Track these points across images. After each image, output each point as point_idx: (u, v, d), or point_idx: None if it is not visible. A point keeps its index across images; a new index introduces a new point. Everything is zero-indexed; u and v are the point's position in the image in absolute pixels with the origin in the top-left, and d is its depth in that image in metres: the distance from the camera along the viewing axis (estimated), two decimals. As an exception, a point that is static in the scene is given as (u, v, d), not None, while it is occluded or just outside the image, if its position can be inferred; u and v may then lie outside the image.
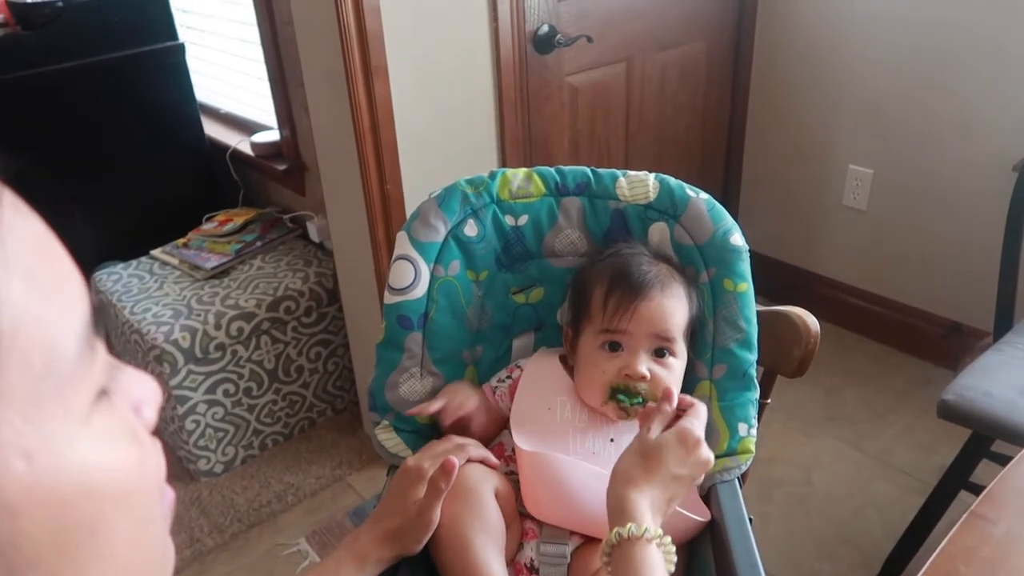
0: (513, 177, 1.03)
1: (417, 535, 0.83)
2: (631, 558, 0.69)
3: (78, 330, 0.28)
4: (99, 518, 0.28)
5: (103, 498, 0.28)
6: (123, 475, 0.29)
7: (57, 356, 0.26)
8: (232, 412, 1.95)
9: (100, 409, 0.28)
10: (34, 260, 0.27)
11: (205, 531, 1.82)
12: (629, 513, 0.72)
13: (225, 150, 2.36)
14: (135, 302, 1.95)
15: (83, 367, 0.28)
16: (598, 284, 0.94)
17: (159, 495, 0.32)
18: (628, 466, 0.76)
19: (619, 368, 0.90)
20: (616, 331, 0.90)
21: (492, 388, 1.00)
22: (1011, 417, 1.30)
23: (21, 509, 0.25)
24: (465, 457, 0.85)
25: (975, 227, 1.99)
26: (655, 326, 0.90)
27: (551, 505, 0.88)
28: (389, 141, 1.60)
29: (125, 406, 0.31)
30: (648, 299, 0.90)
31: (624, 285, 0.91)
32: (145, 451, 0.31)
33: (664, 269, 0.94)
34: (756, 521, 0.86)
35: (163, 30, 2.22)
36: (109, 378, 0.30)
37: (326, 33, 1.51)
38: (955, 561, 0.69)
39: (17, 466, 0.25)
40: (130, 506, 0.29)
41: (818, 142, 2.26)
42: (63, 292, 0.28)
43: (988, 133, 1.92)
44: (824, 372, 2.16)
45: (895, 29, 2.00)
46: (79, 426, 0.27)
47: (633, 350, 0.90)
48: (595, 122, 2.02)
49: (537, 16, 1.77)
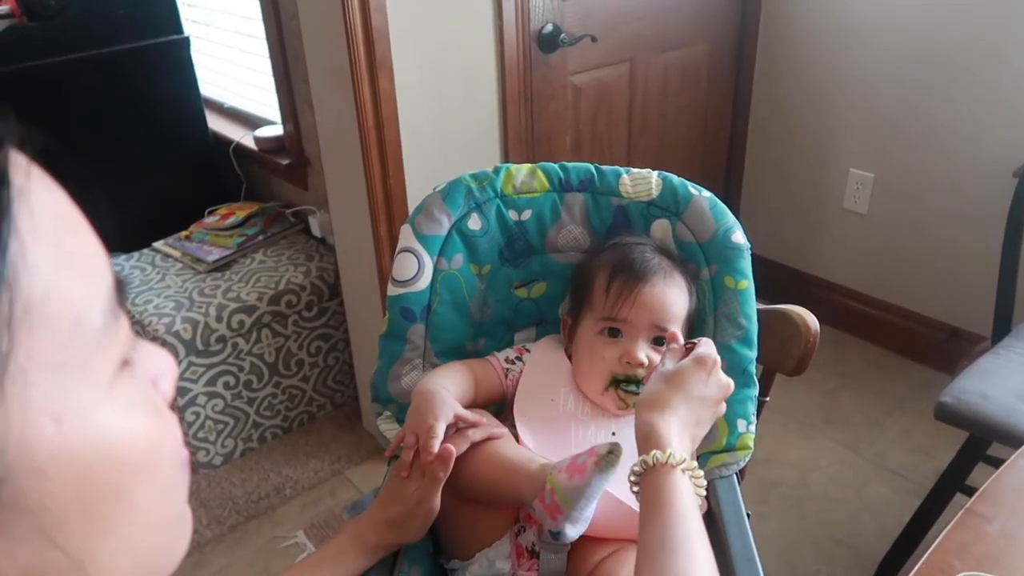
0: (517, 172, 1.04)
1: (418, 523, 0.84)
2: (657, 486, 0.67)
3: (103, 300, 0.28)
4: (122, 483, 0.28)
5: (127, 464, 0.29)
6: (145, 442, 0.30)
7: (83, 324, 0.27)
8: (232, 405, 1.95)
9: (123, 378, 0.29)
10: (62, 232, 0.28)
11: (203, 523, 1.82)
12: (655, 439, 0.70)
13: (228, 144, 2.36)
14: (137, 293, 1.96)
15: (108, 336, 0.28)
16: (601, 271, 0.95)
17: (178, 464, 0.33)
18: (651, 393, 0.75)
19: (619, 355, 0.91)
20: (617, 318, 0.91)
21: (504, 369, 0.97)
22: (1008, 420, 1.30)
23: (50, 471, 0.26)
24: (466, 445, 0.85)
25: (974, 232, 2.00)
26: (656, 314, 0.91)
27: None
28: (393, 138, 1.60)
29: (145, 378, 0.32)
30: (651, 284, 0.91)
31: (627, 271, 0.92)
32: (165, 421, 0.32)
33: (665, 260, 0.95)
34: (752, 521, 0.87)
35: (168, 24, 2.23)
36: (131, 349, 0.30)
37: (332, 29, 1.52)
38: (950, 557, 0.70)
39: (47, 429, 0.25)
40: (151, 473, 0.30)
41: (819, 145, 2.27)
42: (89, 263, 0.29)
43: (988, 139, 1.92)
44: (822, 375, 2.16)
45: (897, 35, 2.01)
46: (104, 393, 0.28)
47: (632, 337, 0.91)
48: (598, 122, 2.03)
49: (542, 15, 1.77)
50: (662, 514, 0.66)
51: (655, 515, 0.66)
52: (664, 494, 0.67)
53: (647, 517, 0.67)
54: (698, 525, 0.66)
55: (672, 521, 0.65)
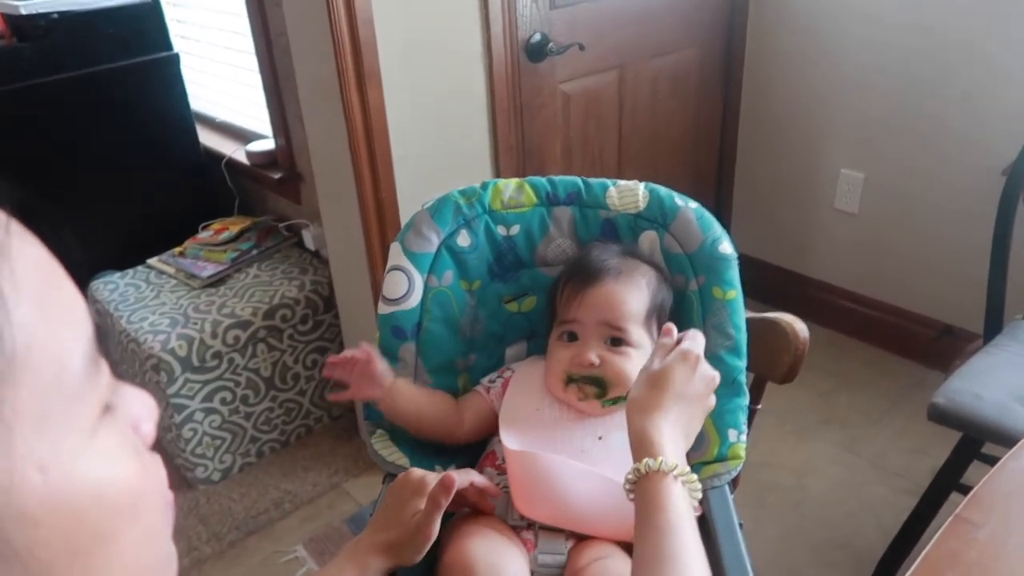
0: (505, 187, 1.05)
1: (416, 547, 0.84)
2: (651, 493, 0.68)
3: (84, 349, 0.29)
4: (109, 528, 0.29)
5: (113, 509, 0.29)
6: (130, 487, 0.30)
7: (65, 374, 0.28)
8: (229, 420, 1.95)
9: (105, 424, 0.30)
10: (42, 285, 0.28)
11: (203, 539, 1.82)
12: (647, 446, 0.71)
13: (220, 159, 2.37)
14: (132, 311, 1.96)
15: (90, 384, 0.29)
16: (561, 279, 0.98)
17: (163, 506, 0.34)
18: (640, 397, 0.75)
19: (571, 356, 0.93)
20: (568, 320, 0.94)
21: (486, 388, 1.01)
22: (1001, 420, 1.31)
23: (39, 519, 0.26)
24: (468, 481, 0.86)
25: (965, 230, 2.01)
26: (604, 312, 0.92)
27: (542, 504, 0.88)
28: (383, 150, 1.61)
29: (127, 422, 0.33)
30: (599, 285, 0.93)
31: (578, 275, 0.95)
32: (148, 465, 0.33)
33: (629, 262, 0.96)
34: (750, 525, 0.87)
35: (158, 41, 2.23)
36: (112, 394, 0.31)
37: (320, 43, 1.52)
38: (940, 566, 0.71)
39: (34, 478, 0.26)
40: (137, 516, 0.31)
41: (810, 146, 2.28)
42: (69, 314, 0.29)
43: (977, 137, 1.93)
44: (817, 376, 2.17)
45: (886, 34, 2.02)
46: (87, 440, 0.29)
47: (585, 339, 0.93)
48: (588, 129, 2.03)
49: (529, 24, 1.78)
50: (656, 522, 0.67)
51: (649, 523, 0.67)
52: (658, 501, 0.67)
53: (642, 526, 0.68)
54: (693, 532, 0.67)
55: (666, 529, 0.66)
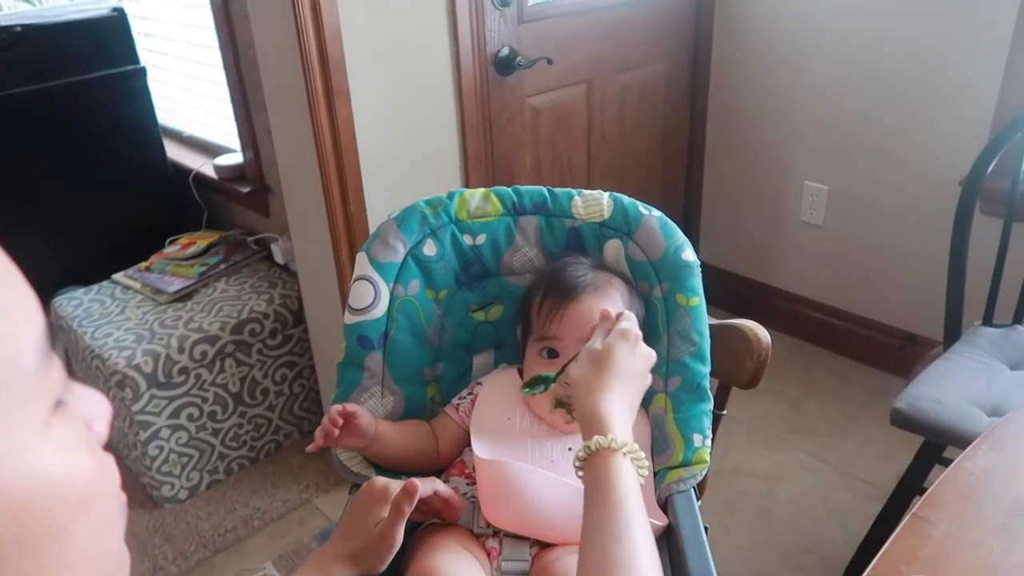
0: (471, 197, 1.05)
1: (379, 556, 0.83)
2: (600, 470, 0.71)
3: (36, 343, 0.29)
4: (60, 521, 0.29)
5: (65, 501, 0.29)
6: (83, 480, 0.31)
7: (18, 368, 0.28)
8: (196, 437, 1.93)
9: (58, 419, 0.30)
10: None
11: (169, 559, 1.79)
12: (597, 424, 0.74)
13: (188, 173, 2.35)
14: (96, 327, 1.93)
15: (41, 378, 0.29)
16: (536, 293, 0.98)
17: (116, 502, 0.34)
18: (585, 377, 0.79)
19: None
20: (548, 337, 0.94)
21: (455, 406, 1.02)
22: (960, 424, 1.34)
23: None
24: (432, 490, 0.85)
25: (926, 240, 2.06)
26: (584, 329, 0.92)
27: (510, 513, 0.89)
28: (352, 163, 1.61)
29: (79, 419, 0.33)
30: (578, 301, 0.94)
31: (555, 291, 0.95)
32: (102, 460, 0.33)
33: (602, 276, 0.97)
34: (720, 532, 0.88)
35: (124, 54, 2.22)
36: (65, 390, 0.31)
37: (288, 57, 1.52)
38: (897, 562, 0.72)
39: None
40: (88, 511, 0.31)
41: (775, 159, 2.32)
42: (21, 308, 0.30)
43: (938, 149, 1.98)
44: (786, 384, 2.20)
45: (847, 50, 2.07)
46: (39, 433, 0.29)
47: (565, 355, 0.93)
48: (557, 142, 2.05)
49: (498, 39, 1.80)
50: (606, 498, 0.69)
51: (598, 499, 0.70)
52: (607, 478, 0.70)
53: (590, 502, 0.71)
54: (640, 509, 0.70)
55: (614, 505, 0.69)
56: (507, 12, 1.79)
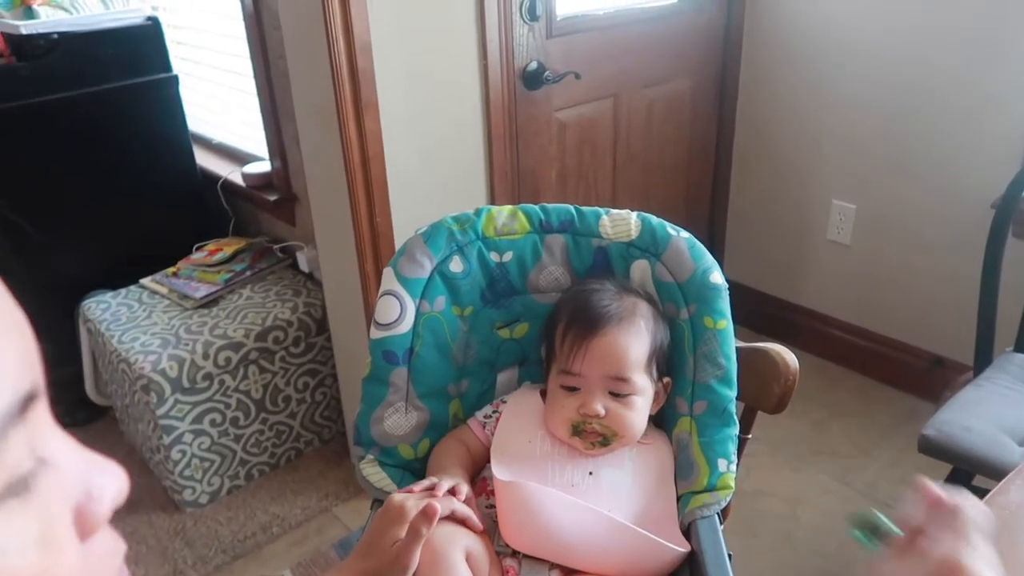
0: (498, 214, 1.05)
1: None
2: None
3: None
4: None
5: None
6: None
7: None
8: (218, 442, 1.94)
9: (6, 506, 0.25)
10: None
11: (189, 563, 1.80)
12: None
13: (216, 180, 2.38)
14: (123, 331, 1.95)
15: None
16: (559, 321, 0.96)
17: None
18: None
19: (577, 406, 0.92)
20: (571, 373, 0.93)
21: (481, 423, 1.01)
22: (990, 452, 1.31)
23: None
24: (449, 509, 0.85)
25: (956, 261, 2.03)
26: (609, 367, 0.92)
27: (528, 535, 0.88)
28: (379, 175, 1.62)
29: (58, 502, 0.27)
30: (602, 335, 0.92)
31: (579, 323, 0.93)
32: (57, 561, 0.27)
33: (628, 303, 0.95)
34: (742, 554, 0.87)
35: (157, 62, 2.25)
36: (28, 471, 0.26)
37: (318, 69, 1.54)
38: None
39: None
40: None
41: (802, 177, 2.30)
42: None
43: (968, 169, 1.96)
44: (810, 406, 2.17)
45: (877, 67, 2.05)
46: None
47: (589, 391, 0.92)
48: (583, 156, 2.05)
49: (526, 53, 1.80)
50: None
51: None
52: None
53: None
54: None
55: None
56: (536, 26, 1.79)
